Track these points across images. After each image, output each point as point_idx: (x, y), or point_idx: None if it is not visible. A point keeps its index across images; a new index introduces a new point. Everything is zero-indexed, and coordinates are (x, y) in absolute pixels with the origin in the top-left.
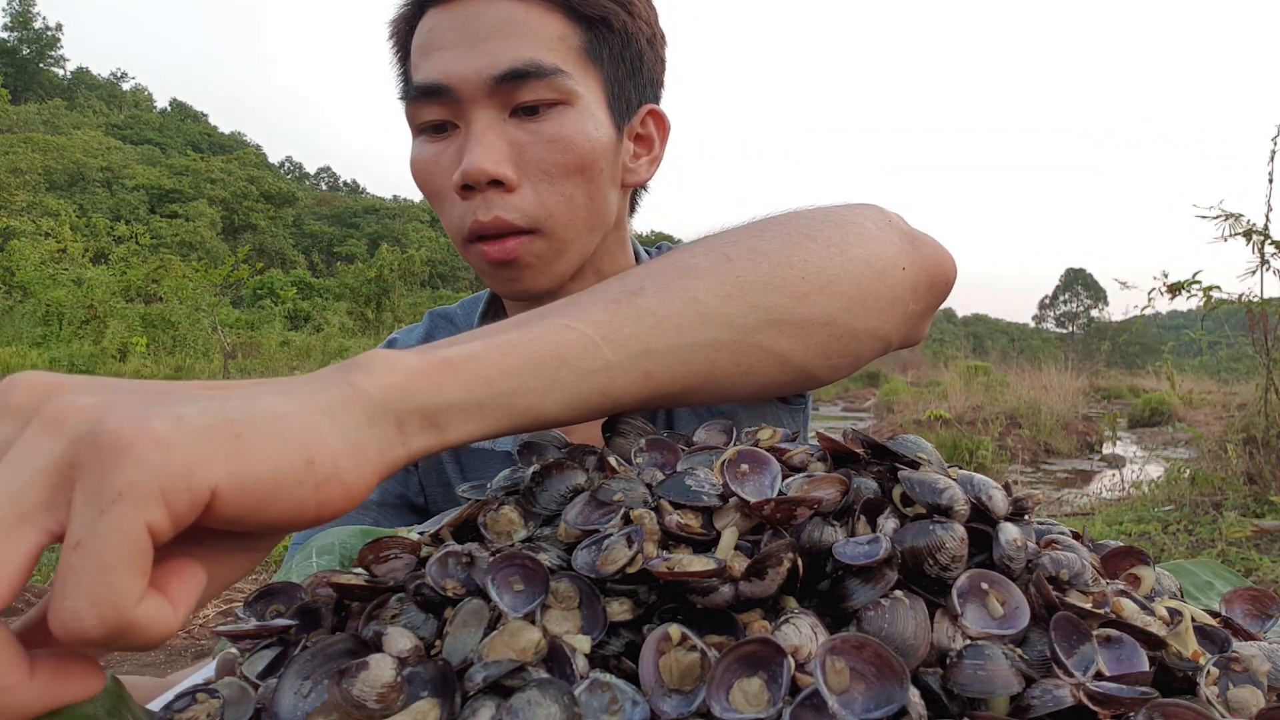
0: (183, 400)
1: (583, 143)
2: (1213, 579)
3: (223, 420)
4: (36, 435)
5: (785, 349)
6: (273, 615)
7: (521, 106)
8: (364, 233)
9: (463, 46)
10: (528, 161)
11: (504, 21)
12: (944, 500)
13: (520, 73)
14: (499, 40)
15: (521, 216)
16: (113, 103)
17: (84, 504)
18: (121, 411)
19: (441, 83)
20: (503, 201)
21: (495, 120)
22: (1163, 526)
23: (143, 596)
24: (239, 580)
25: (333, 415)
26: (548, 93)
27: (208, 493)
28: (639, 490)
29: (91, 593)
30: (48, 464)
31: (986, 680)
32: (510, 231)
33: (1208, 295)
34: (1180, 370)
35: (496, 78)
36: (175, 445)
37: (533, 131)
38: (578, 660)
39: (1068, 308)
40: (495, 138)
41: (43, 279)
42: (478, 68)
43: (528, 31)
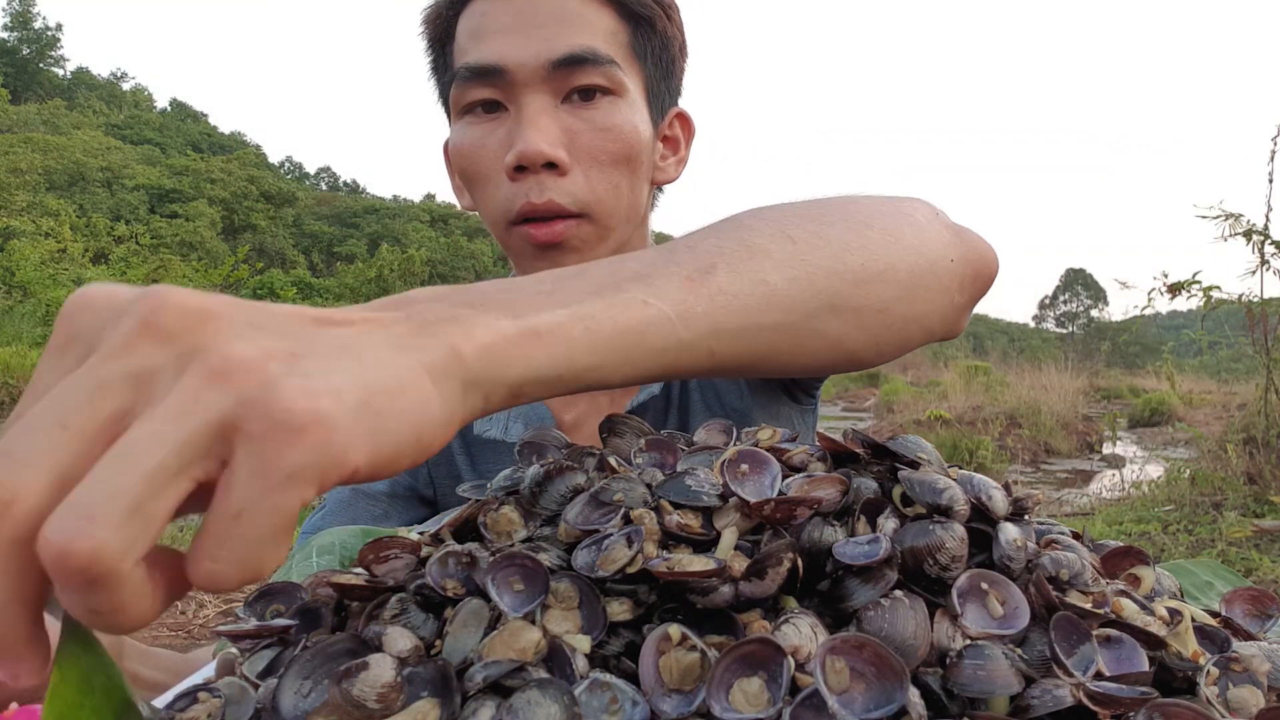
0: (327, 356)
1: (631, 134)
2: (1213, 579)
3: (367, 396)
4: (200, 386)
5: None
6: (273, 615)
7: (576, 90)
8: (364, 233)
9: (518, 31)
10: (579, 147)
11: (560, 10)
12: (944, 500)
13: (579, 58)
14: (555, 28)
15: (572, 200)
16: (113, 103)
17: (250, 476)
18: (290, 383)
19: (497, 64)
20: (555, 184)
21: (549, 105)
22: (1163, 526)
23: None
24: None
25: (437, 383)
26: (602, 80)
27: (351, 473)
28: (639, 490)
29: (242, 561)
30: (213, 420)
31: (986, 680)
32: (559, 215)
33: (1208, 295)
34: (1180, 370)
35: (554, 62)
36: (338, 429)
37: (585, 119)
38: (578, 660)
39: (1068, 308)
40: (549, 121)
41: (43, 279)
42: (535, 51)
43: (583, 22)
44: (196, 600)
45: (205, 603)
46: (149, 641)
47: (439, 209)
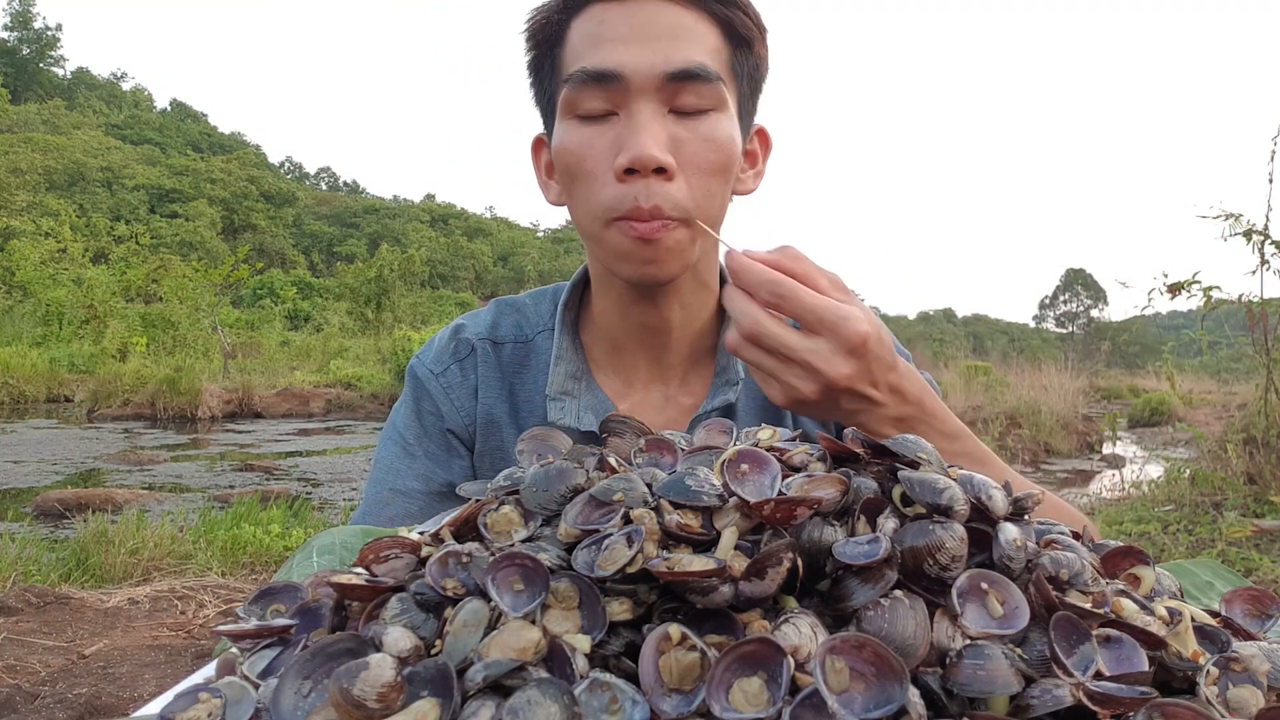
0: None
1: (730, 145)
2: (1212, 579)
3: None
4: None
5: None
6: (273, 615)
7: (684, 102)
8: (364, 233)
9: (636, 42)
10: (684, 155)
11: (676, 26)
12: (944, 500)
13: (692, 73)
14: (670, 41)
15: (674, 206)
16: (113, 103)
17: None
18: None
19: (615, 70)
20: (661, 189)
21: (658, 113)
22: (1163, 526)
23: None
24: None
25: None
26: (709, 96)
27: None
28: (639, 490)
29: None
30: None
31: (986, 680)
32: (662, 218)
33: (1208, 295)
34: (1180, 370)
35: (670, 74)
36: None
37: (690, 129)
38: (577, 660)
39: (1068, 308)
40: (660, 128)
41: (43, 279)
42: (652, 62)
43: (696, 38)
44: (196, 600)
45: (205, 603)
46: (149, 641)
47: (439, 209)
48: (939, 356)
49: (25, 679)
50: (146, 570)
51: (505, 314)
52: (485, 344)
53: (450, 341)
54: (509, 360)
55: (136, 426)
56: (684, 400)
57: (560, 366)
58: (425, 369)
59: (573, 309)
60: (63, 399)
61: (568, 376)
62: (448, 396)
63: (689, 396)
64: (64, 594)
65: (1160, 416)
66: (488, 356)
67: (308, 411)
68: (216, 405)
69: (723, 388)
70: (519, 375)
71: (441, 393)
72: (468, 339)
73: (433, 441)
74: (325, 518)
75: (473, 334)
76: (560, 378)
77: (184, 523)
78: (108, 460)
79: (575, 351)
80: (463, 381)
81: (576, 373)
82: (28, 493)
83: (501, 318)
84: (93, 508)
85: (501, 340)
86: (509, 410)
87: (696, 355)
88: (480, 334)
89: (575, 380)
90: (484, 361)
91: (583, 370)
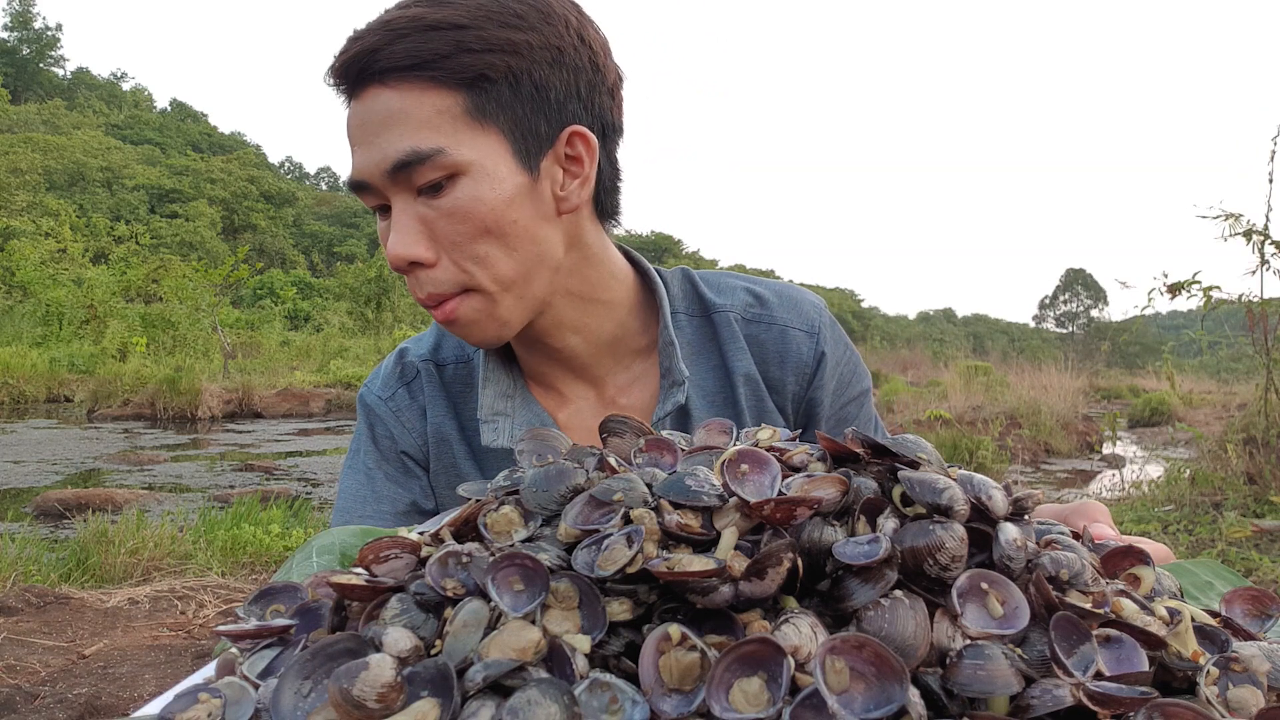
0: None
1: (479, 209)
2: (1212, 579)
3: None
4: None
5: None
6: (273, 615)
7: (422, 187)
8: (364, 233)
9: (364, 143)
10: (439, 235)
11: (386, 113)
12: (944, 500)
13: (403, 163)
14: (385, 133)
15: (446, 286)
16: (113, 103)
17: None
18: None
19: (359, 179)
20: (428, 278)
21: (409, 203)
22: (1163, 526)
23: None
24: None
25: None
26: (436, 173)
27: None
28: (639, 490)
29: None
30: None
31: (986, 680)
32: (441, 299)
33: (1208, 295)
34: (1180, 370)
35: (388, 171)
36: None
37: (435, 207)
38: (577, 660)
39: (1068, 308)
40: (409, 220)
41: (43, 279)
42: (376, 162)
43: (405, 119)
44: (196, 600)
45: (205, 603)
46: (149, 641)
47: None
48: (939, 357)
49: (25, 679)
50: (146, 570)
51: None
52: (429, 365)
53: (395, 366)
54: (452, 380)
55: (136, 426)
56: (623, 402)
57: (488, 389)
58: (374, 396)
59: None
60: (63, 399)
61: (498, 396)
62: (398, 420)
63: (628, 398)
64: (64, 594)
65: (1160, 416)
66: (432, 377)
67: (308, 411)
68: (216, 405)
69: (671, 390)
70: (463, 395)
71: (392, 416)
72: (411, 362)
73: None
74: (325, 518)
75: (415, 357)
76: (490, 399)
77: (184, 523)
78: (108, 460)
79: (506, 370)
80: (411, 404)
81: (509, 390)
82: (28, 493)
83: (443, 339)
84: (93, 508)
85: (444, 362)
86: (457, 428)
87: (625, 359)
88: (423, 356)
89: (508, 399)
90: (429, 383)
91: (516, 387)
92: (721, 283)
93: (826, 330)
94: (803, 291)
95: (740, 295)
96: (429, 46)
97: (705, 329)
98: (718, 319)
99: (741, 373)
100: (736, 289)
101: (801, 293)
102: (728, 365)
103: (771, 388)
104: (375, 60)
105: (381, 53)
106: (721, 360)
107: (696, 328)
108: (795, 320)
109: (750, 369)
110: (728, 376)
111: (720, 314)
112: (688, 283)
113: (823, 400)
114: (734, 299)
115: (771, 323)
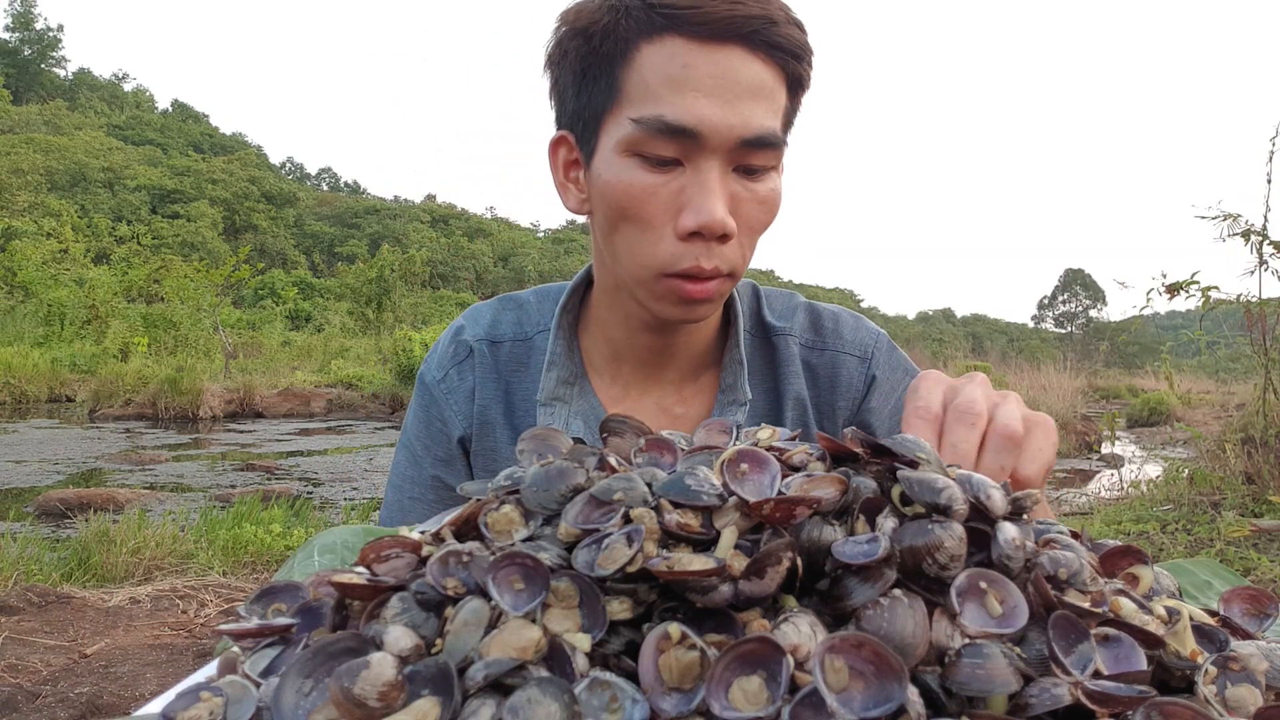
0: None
1: (778, 202)
2: (1211, 578)
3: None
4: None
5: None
6: (275, 614)
7: (748, 164)
8: (365, 233)
9: (719, 98)
10: (740, 216)
11: (756, 84)
12: (942, 500)
13: (763, 140)
14: (750, 102)
15: (729, 265)
16: (114, 103)
17: (1042, 436)
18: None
19: (695, 128)
20: (720, 252)
21: (725, 172)
22: (1161, 526)
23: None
24: None
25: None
26: (772, 160)
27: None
28: (639, 489)
29: (1038, 472)
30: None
31: (985, 679)
32: (718, 277)
33: (1206, 295)
34: (1179, 370)
35: (745, 140)
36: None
37: (749, 189)
38: (578, 659)
39: (1066, 308)
40: (724, 190)
41: (44, 279)
42: (731, 125)
43: (770, 98)
44: (198, 600)
45: (206, 602)
46: (151, 640)
47: (439, 209)
48: (938, 356)
49: (27, 678)
50: (148, 570)
51: (507, 310)
52: (483, 344)
53: (450, 345)
54: (506, 360)
55: (138, 426)
56: (678, 411)
57: (552, 373)
58: (430, 375)
59: (572, 312)
60: (64, 399)
61: (560, 382)
62: (449, 401)
63: (684, 408)
64: (65, 593)
65: (1159, 416)
66: (484, 358)
67: (309, 411)
68: (218, 405)
69: (728, 407)
70: (516, 374)
71: (444, 398)
72: (466, 341)
73: (439, 447)
74: (326, 517)
75: (471, 335)
76: (552, 384)
77: (185, 522)
78: (109, 460)
79: (570, 356)
80: (460, 384)
81: (570, 378)
82: (29, 492)
83: (503, 314)
84: (94, 507)
85: (500, 339)
86: (504, 410)
87: (695, 369)
88: (479, 335)
89: (568, 385)
90: (480, 363)
91: (577, 374)
92: (784, 303)
93: (882, 356)
94: (862, 319)
95: (800, 318)
96: (800, 42)
97: (764, 350)
98: (777, 342)
99: (792, 396)
100: (797, 311)
101: (860, 320)
102: (780, 389)
103: (821, 412)
104: (768, 29)
105: (779, 28)
106: (775, 384)
107: (755, 347)
108: (850, 346)
109: (801, 392)
110: (778, 400)
111: (780, 337)
112: (755, 300)
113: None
114: (794, 322)
115: (824, 349)
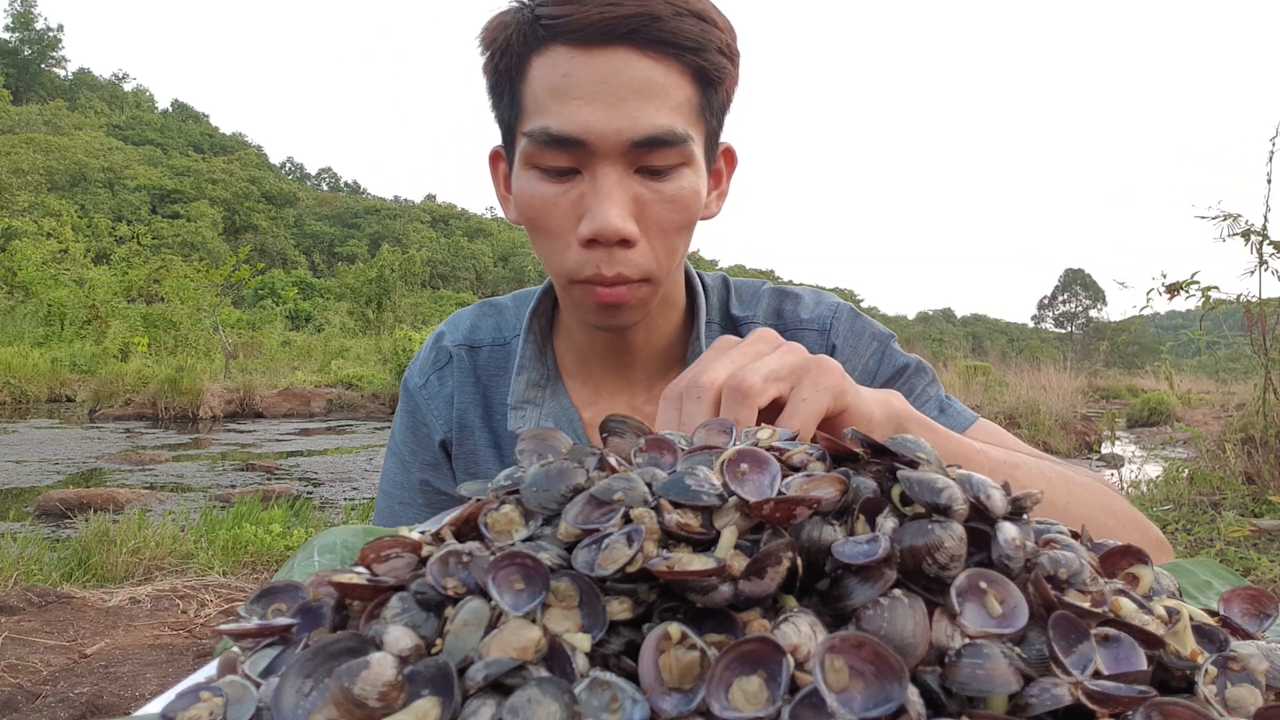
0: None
1: (694, 200)
2: (1211, 578)
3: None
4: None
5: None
6: (275, 614)
7: (650, 165)
8: (365, 233)
9: (602, 102)
10: (647, 218)
11: (644, 83)
12: (943, 500)
13: (656, 140)
14: (638, 102)
15: (636, 270)
16: (114, 103)
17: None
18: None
19: (579, 137)
20: (624, 258)
21: (623, 176)
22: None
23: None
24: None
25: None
26: (676, 159)
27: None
28: (639, 490)
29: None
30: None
31: (985, 679)
32: (625, 283)
33: (1206, 295)
34: (1179, 370)
35: (635, 142)
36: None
37: (655, 190)
38: (577, 659)
39: (1066, 308)
40: (623, 194)
41: (44, 279)
42: (618, 128)
43: (664, 95)
44: (198, 600)
45: (207, 602)
46: (151, 640)
47: (439, 209)
48: (938, 356)
49: (27, 678)
50: (148, 570)
51: (486, 316)
52: (461, 350)
53: (430, 351)
54: (485, 364)
55: (138, 426)
56: (649, 410)
57: (522, 376)
58: (413, 381)
59: (542, 315)
60: (64, 399)
61: (530, 385)
62: (430, 406)
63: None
64: (65, 593)
65: (1159, 416)
66: (463, 363)
67: (309, 411)
68: (218, 405)
69: None
70: (495, 379)
71: (426, 403)
72: (445, 347)
73: (426, 451)
74: (326, 517)
75: (450, 341)
76: (521, 387)
77: (185, 522)
78: (109, 460)
79: (542, 359)
80: (440, 390)
81: (541, 380)
82: (29, 492)
83: (482, 319)
84: (94, 507)
85: (478, 344)
86: (482, 414)
87: (663, 367)
88: (458, 340)
89: (539, 388)
90: (459, 369)
91: (549, 377)
92: (750, 292)
93: (841, 325)
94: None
95: (764, 304)
96: (697, 33)
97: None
98: (742, 331)
99: None
100: (762, 298)
101: (822, 295)
102: None
103: None
104: (650, 25)
105: (664, 23)
106: None
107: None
108: (808, 323)
109: None
110: None
111: (744, 326)
112: (724, 292)
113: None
114: (757, 308)
115: (785, 329)
